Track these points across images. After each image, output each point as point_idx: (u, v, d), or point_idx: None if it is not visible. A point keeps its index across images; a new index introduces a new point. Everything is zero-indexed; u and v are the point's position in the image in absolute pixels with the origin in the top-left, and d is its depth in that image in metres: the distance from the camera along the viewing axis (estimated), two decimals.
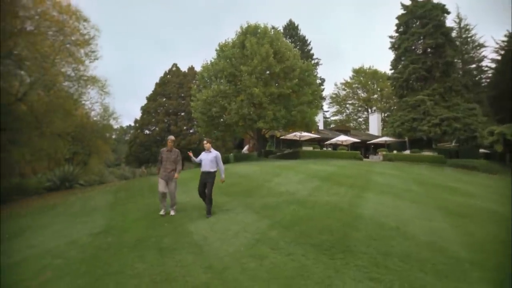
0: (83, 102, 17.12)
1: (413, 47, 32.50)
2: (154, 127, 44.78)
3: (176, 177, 7.23)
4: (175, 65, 47.47)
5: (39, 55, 11.91)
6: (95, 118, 20.15)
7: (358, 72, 57.52)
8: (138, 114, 47.66)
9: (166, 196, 7.26)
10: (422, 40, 31.71)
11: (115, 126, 23.26)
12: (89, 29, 15.20)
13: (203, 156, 7.08)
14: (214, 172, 6.96)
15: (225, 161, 24.70)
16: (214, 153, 7.06)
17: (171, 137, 7.50)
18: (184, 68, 47.94)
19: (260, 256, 4.39)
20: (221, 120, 22.59)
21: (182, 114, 44.46)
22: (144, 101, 47.06)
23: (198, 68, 30.30)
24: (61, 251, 5.29)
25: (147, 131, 45.12)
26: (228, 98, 21.18)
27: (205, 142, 7.22)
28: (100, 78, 17.03)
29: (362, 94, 58.05)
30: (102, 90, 17.48)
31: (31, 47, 11.67)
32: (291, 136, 27.04)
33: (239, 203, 7.72)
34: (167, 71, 47.00)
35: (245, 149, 34.43)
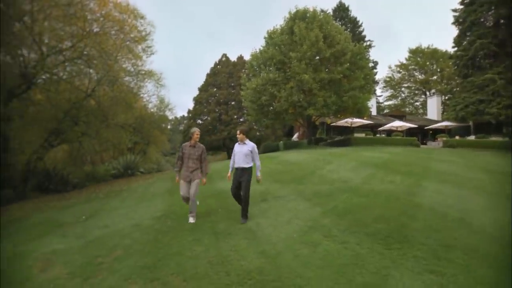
0: (141, 95, 18.37)
1: (482, 20, 28.99)
2: (206, 117, 46.39)
3: (203, 182, 6.12)
4: (224, 55, 48.32)
5: (104, 53, 13.00)
6: (152, 110, 21.55)
7: (415, 52, 53.31)
8: (191, 105, 49.67)
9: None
10: (493, 10, 28.16)
11: (170, 117, 24.64)
12: (145, 26, 16.13)
13: (236, 149, 5.97)
14: (250, 168, 5.84)
15: (275, 149, 24.85)
16: (250, 145, 5.89)
17: (196, 130, 6.21)
18: (233, 57, 48.64)
19: (313, 243, 4.40)
20: (271, 108, 22.66)
21: (233, 103, 45.37)
22: (197, 92, 48.83)
23: (247, 57, 30.62)
24: (128, 232, 5.81)
25: (199, 121, 46.90)
26: (278, 86, 21.11)
27: (238, 132, 5.97)
28: (156, 71, 18.10)
29: (420, 76, 53.86)
30: (158, 83, 18.59)
31: (98, 46, 12.77)
32: (342, 122, 26.22)
33: (291, 191, 7.75)
34: (217, 62, 48.09)
35: (295, 136, 34.22)
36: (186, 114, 53.21)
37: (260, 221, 5.62)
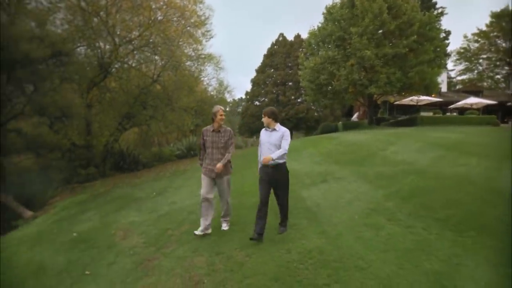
0: (202, 78, 19.14)
1: None
2: (263, 98, 46.65)
3: (218, 168, 4.55)
4: (281, 34, 47.46)
5: (167, 40, 13.78)
6: (212, 93, 22.33)
7: (499, 16, 46.33)
8: (248, 87, 50.32)
9: (211, 204, 4.79)
10: None
11: (229, 99, 25.24)
12: (204, 10, 16.55)
13: (262, 137, 4.41)
14: (284, 164, 4.31)
15: (333, 130, 24.20)
16: (281, 131, 4.27)
17: (219, 108, 4.72)
18: (290, 37, 47.59)
19: (376, 226, 4.30)
20: (330, 87, 21.91)
21: (290, 84, 44.82)
22: (254, 74, 49.16)
23: (304, 36, 29.61)
24: (194, 209, 6.27)
25: (257, 102, 47.37)
26: (337, 64, 20.24)
27: (263, 115, 4.36)
28: (215, 55, 18.62)
29: (503, 44, 47.02)
30: (217, 66, 19.15)
31: (162, 34, 13.58)
32: (407, 101, 24.35)
33: (351, 172, 7.55)
34: (274, 42, 47.53)
35: (355, 117, 32.80)
36: (244, 96, 54.08)
37: (320, 202, 5.62)
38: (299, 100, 43.56)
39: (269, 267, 3.53)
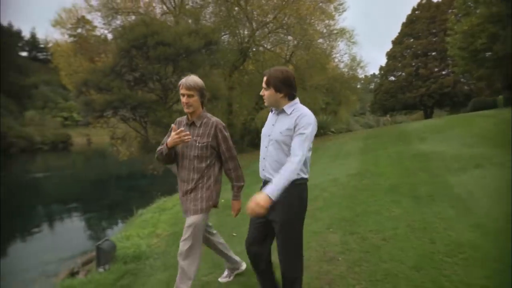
0: (333, 55, 18.60)
1: None
2: (400, 73, 41.98)
3: (235, 210, 2.68)
4: None
5: (300, 19, 13.95)
6: (343, 70, 21.51)
7: None
8: (383, 61, 46.18)
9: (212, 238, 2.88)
10: None
11: (361, 76, 23.81)
12: None
13: (267, 125, 2.23)
14: (297, 184, 2.01)
15: (491, 106, 19.86)
16: (295, 114, 2.03)
17: (182, 81, 2.32)
18: None
19: None
20: (488, 54, 17.84)
21: (433, 54, 38.68)
22: (390, 46, 44.59)
23: None
24: (326, 186, 6.36)
25: (392, 78, 43.10)
26: (502, 22, 16.14)
27: (263, 83, 2.05)
28: (347, 29, 17.68)
29: None
30: (349, 40, 18.16)
31: (295, 13, 13.84)
32: None
33: None
34: (415, 7, 41.55)
35: None
36: (377, 72, 50.09)
37: (473, 189, 4.84)
38: (444, 73, 37.17)
39: (408, 255, 3.31)
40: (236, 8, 13.76)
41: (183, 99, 2.30)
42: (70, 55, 15.82)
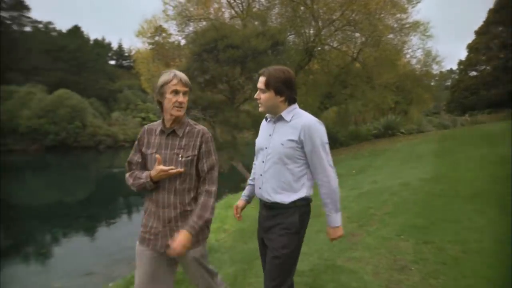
0: (405, 51, 17.39)
1: None
2: (484, 67, 37.51)
3: (176, 247, 1.67)
4: None
5: (369, 15, 13.37)
6: (415, 66, 19.98)
7: None
8: (462, 55, 41.75)
9: None
10: None
11: (435, 72, 21.86)
12: None
13: (260, 134, 2.00)
14: (294, 205, 1.77)
15: None
16: (298, 122, 1.76)
17: (171, 75, 1.78)
18: None
19: None
20: None
21: None
22: (471, 38, 40.07)
23: None
24: (396, 190, 6.06)
25: (474, 72, 38.73)
26: None
27: (262, 86, 1.78)
28: (422, 21, 16.35)
29: None
30: (423, 34, 16.74)
31: (363, 9, 13.31)
32: None
33: None
34: None
35: None
36: (455, 67, 45.46)
37: None
38: None
39: (496, 273, 3.04)
40: (302, 8, 13.75)
41: (179, 98, 1.75)
42: (149, 61, 17.57)
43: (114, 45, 67.73)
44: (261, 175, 1.83)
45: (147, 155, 1.86)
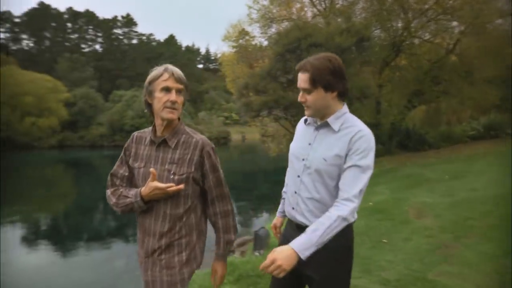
0: None
1: None
2: None
3: (215, 279, 1.65)
4: None
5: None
6: None
7: None
8: None
9: None
10: None
11: None
12: None
13: (296, 141, 1.64)
14: (343, 231, 1.34)
15: None
16: (347, 131, 1.40)
17: (162, 70, 1.51)
18: None
19: None
20: None
21: None
22: None
23: None
24: (501, 201, 5.36)
25: None
26: None
27: (306, 85, 1.40)
28: None
29: None
30: None
31: None
32: None
33: None
34: None
35: None
36: None
37: None
38: None
39: None
40: (389, 0, 12.91)
41: (171, 97, 1.44)
42: (234, 63, 18.60)
43: (202, 50, 75.20)
44: (295, 192, 1.51)
45: (134, 169, 1.55)
